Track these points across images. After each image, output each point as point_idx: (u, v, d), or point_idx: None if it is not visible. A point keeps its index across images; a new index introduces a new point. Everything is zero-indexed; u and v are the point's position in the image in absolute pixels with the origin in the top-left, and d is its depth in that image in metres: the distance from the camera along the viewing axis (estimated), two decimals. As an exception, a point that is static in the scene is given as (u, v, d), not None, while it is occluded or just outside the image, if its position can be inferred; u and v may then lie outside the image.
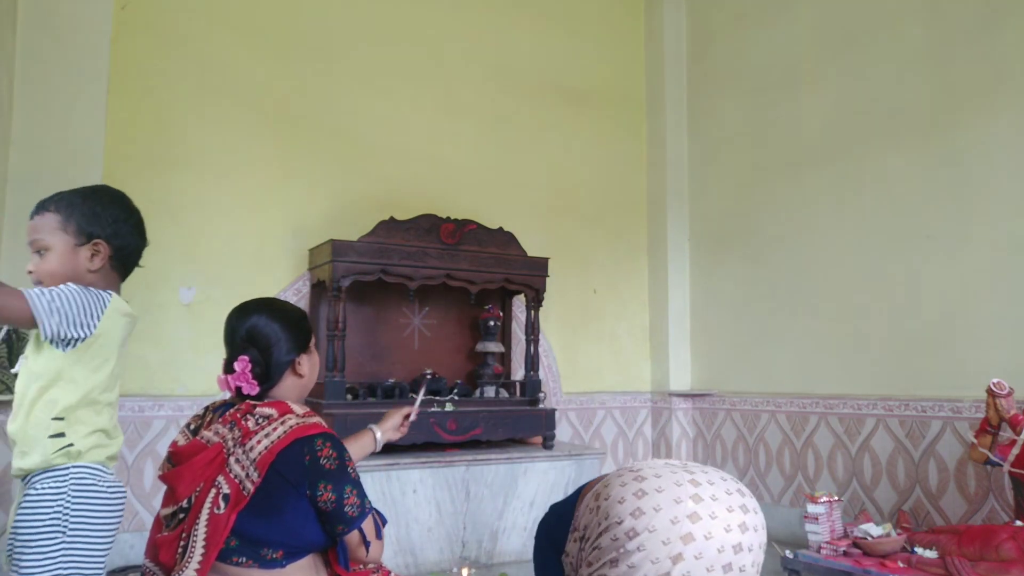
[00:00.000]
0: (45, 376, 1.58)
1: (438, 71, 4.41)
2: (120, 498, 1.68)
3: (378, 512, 1.65)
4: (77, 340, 1.58)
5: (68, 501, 1.56)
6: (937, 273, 3.49)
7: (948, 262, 3.45)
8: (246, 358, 1.58)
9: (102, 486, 1.62)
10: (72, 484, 1.57)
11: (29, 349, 1.62)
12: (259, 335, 1.62)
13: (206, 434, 1.57)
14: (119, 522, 1.69)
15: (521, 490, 3.62)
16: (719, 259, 4.71)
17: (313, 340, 1.76)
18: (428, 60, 4.38)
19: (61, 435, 1.57)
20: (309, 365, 1.72)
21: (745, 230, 4.52)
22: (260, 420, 1.54)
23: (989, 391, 2.84)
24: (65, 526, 1.55)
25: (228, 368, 1.59)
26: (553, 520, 2.09)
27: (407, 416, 2.11)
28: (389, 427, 2.06)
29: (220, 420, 1.58)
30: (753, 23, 4.57)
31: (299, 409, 1.59)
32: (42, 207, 1.67)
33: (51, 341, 1.55)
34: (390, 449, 3.56)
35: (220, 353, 1.67)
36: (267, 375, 1.62)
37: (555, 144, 4.76)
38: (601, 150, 4.94)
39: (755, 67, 4.54)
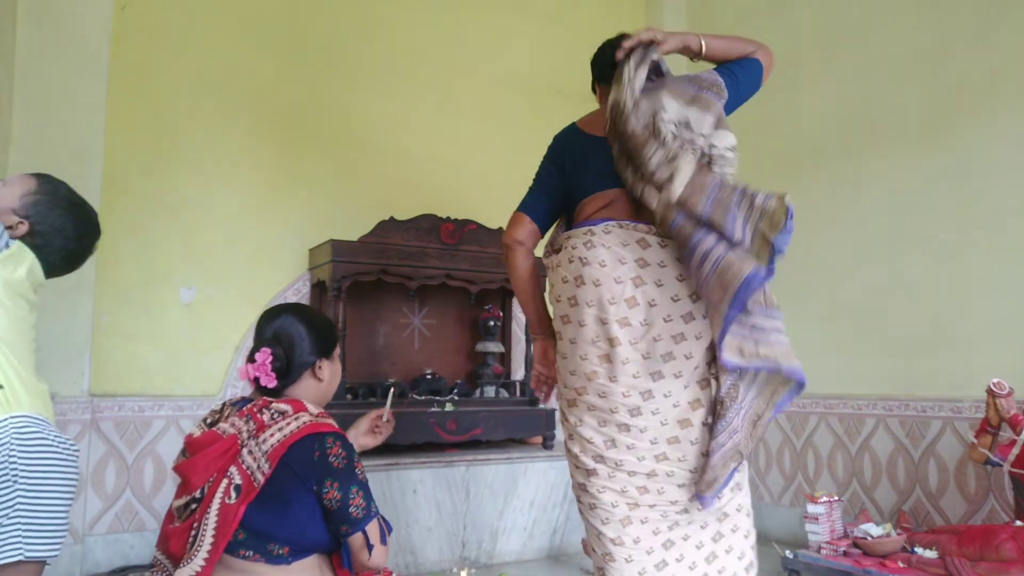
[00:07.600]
0: None
1: (438, 71, 4.41)
2: (73, 451, 1.63)
3: (384, 519, 1.67)
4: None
5: (13, 449, 1.52)
6: (937, 273, 3.49)
7: (948, 262, 3.45)
8: (267, 350, 1.65)
9: (49, 436, 1.58)
10: (14, 433, 1.53)
11: None
12: (284, 333, 1.69)
13: (223, 426, 1.61)
14: (77, 478, 1.65)
15: (521, 490, 3.62)
16: (719, 259, 4.69)
17: (337, 350, 1.80)
18: (428, 60, 4.38)
19: None
20: (330, 372, 1.77)
21: (745, 230, 4.51)
22: (275, 415, 1.59)
23: (989, 391, 2.84)
24: (16, 475, 1.51)
25: (251, 359, 1.66)
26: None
27: (379, 419, 2.00)
28: (360, 432, 1.97)
29: (237, 414, 1.62)
30: (753, 23, 4.57)
31: (314, 409, 1.64)
32: (39, 175, 1.77)
33: None
34: (390, 449, 3.56)
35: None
36: (287, 372, 1.67)
37: (555, 144, 4.75)
38: (601, 150, 4.93)
39: (755, 67, 4.53)
